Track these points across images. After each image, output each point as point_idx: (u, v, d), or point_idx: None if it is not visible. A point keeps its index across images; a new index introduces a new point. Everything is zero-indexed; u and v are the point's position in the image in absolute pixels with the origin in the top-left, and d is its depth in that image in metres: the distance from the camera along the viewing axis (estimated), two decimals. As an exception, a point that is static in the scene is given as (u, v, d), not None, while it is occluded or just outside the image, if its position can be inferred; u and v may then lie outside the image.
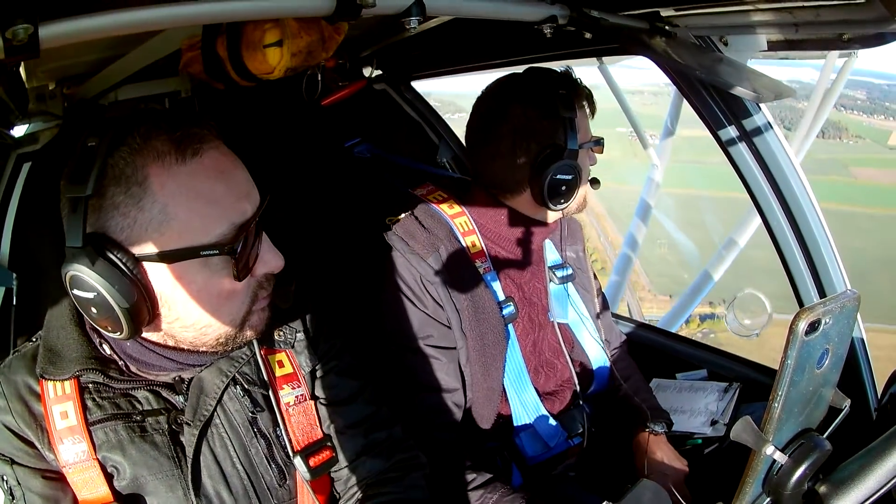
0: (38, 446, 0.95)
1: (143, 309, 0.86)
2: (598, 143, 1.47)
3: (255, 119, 1.91)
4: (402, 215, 1.45)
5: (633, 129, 5.25)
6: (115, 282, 0.83)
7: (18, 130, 1.59)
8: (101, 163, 0.82)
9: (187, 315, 0.91)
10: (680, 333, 2.34)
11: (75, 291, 0.85)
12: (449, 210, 1.44)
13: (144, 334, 0.94)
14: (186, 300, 0.89)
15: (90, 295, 0.84)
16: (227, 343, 0.96)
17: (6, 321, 1.49)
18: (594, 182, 1.48)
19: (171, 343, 0.96)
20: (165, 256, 0.85)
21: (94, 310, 0.85)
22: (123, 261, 0.83)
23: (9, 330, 1.49)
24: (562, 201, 1.38)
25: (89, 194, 0.81)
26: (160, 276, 0.87)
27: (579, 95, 1.42)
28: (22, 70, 1.27)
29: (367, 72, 2.14)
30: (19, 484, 0.95)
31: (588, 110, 1.46)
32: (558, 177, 1.35)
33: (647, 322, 2.25)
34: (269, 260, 0.95)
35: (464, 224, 1.43)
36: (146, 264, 0.86)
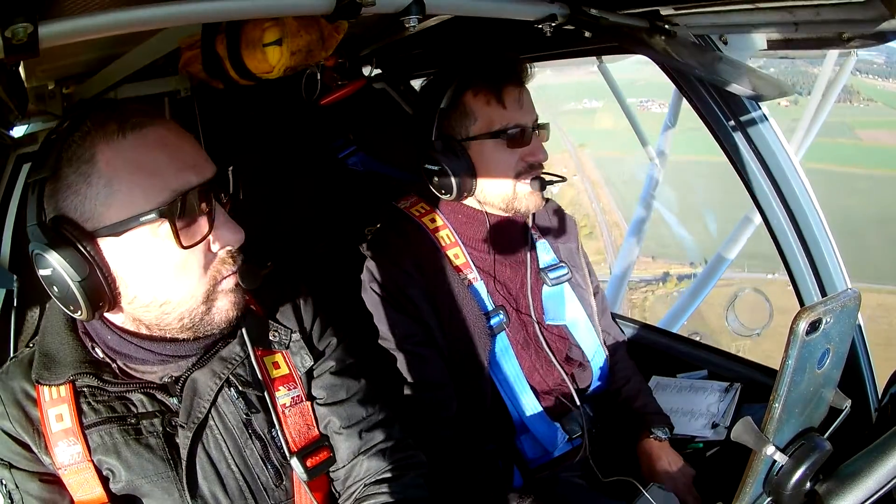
0: (35, 450, 0.96)
1: (99, 286, 0.88)
2: (503, 134, 1.38)
3: (255, 118, 1.90)
4: (379, 225, 1.50)
5: (633, 128, 5.27)
6: (66, 256, 0.85)
7: (18, 131, 1.59)
8: (58, 148, 0.87)
9: (143, 291, 0.91)
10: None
11: (40, 271, 0.88)
12: (431, 224, 1.47)
13: (113, 319, 0.96)
14: (139, 274, 0.90)
15: (48, 272, 0.86)
16: (194, 326, 0.96)
17: (7, 323, 1.49)
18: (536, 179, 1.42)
19: (143, 330, 0.96)
20: (112, 228, 0.87)
21: (55, 288, 0.88)
22: (75, 235, 0.86)
23: (9, 331, 1.49)
24: (449, 192, 1.41)
25: (44, 176, 0.86)
26: (113, 252, 0.89)
27: (491, 84, 1.39)
28: (21, 69, 1.27)
29: (366, 71, 2.13)
30: (17, 487, 0.95)
31: (512, 98, 1.40)
32: (444, 167, 1.39)
33: (647, 322, 2.24)
34: (225, 234, 0.94)
35: (446, 238, 1.46)
36: (100, 241, 0.88)
